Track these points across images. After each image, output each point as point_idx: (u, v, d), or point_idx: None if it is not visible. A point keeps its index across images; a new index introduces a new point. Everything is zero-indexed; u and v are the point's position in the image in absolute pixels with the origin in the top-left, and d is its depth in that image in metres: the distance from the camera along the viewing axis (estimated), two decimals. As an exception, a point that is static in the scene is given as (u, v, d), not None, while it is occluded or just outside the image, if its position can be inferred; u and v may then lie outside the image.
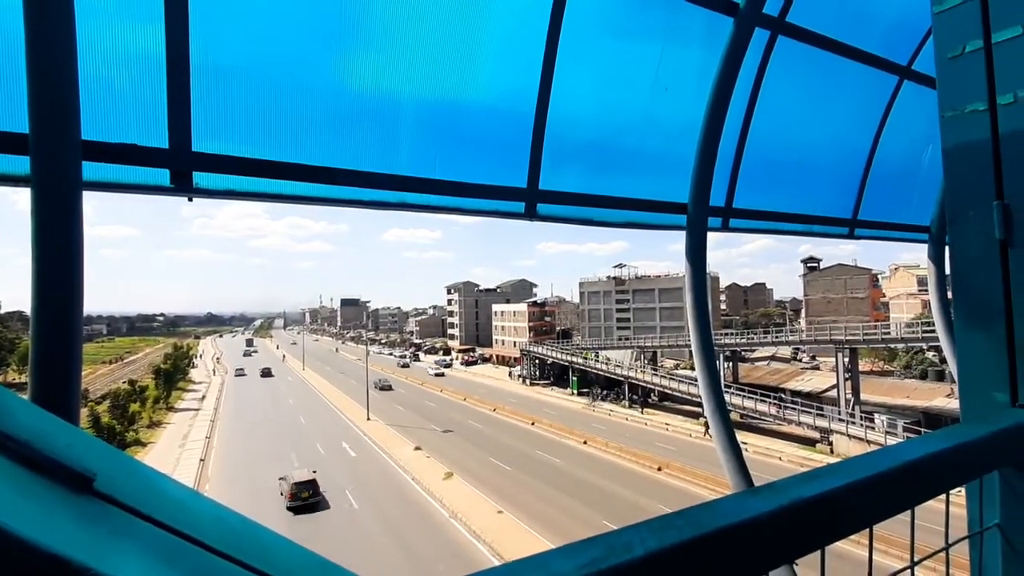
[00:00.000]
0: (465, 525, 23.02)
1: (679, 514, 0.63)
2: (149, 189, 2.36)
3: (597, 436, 36.39)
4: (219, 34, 2.44)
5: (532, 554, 0.52)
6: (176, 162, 2.35)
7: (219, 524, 0.73)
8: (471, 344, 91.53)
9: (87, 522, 0.58)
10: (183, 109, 2.33)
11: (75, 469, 0.64)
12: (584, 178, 3.83)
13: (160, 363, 63.57)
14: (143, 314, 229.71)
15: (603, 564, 0.50)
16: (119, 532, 0.61)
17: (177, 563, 0.61)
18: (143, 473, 0.82)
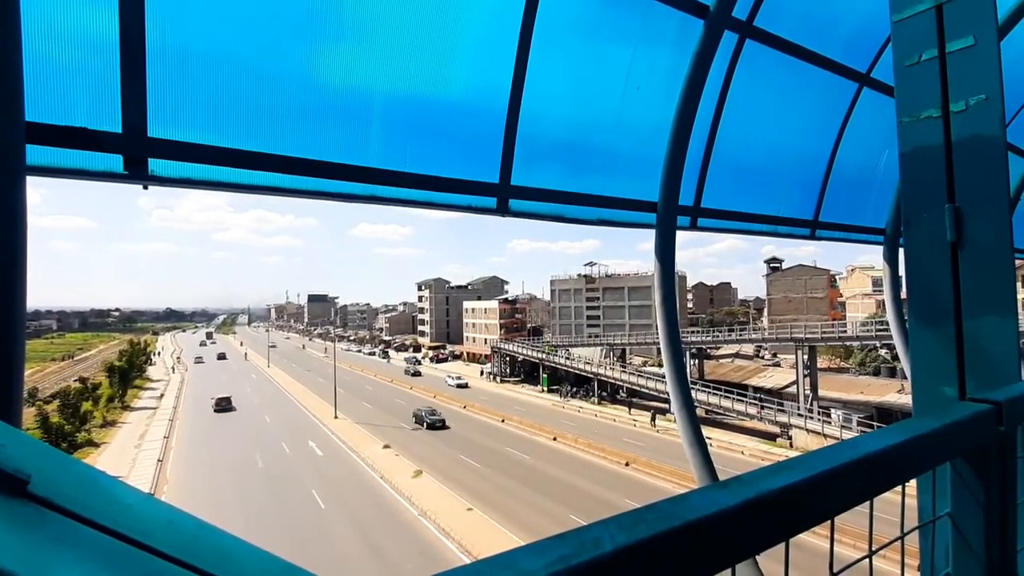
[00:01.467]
0: (434, 523, 22.91)
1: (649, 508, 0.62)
2: (100, 176, 2.24)
3: (567, 432, 36.73)
4: (179, 15, 2.33)
5: (500, 552, 0.51)
6: (130, 147, 2.23)
7: (172, 528, 0.69)
8: (442, 341, 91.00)
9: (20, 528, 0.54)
10: (138, 92, 2.21)
11: (6, 471, 0.59)
12: (557, 175, 3.83)
13: (115, 360, 60.97)
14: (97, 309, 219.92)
15: (572, 561, 0.50)
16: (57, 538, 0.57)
17: (124, 570, 0.58)
18: (85, 474, 0.76)
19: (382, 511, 24.57)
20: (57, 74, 2.15)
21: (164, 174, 2.32)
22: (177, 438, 38.40)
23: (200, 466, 31.43)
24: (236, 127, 2.52)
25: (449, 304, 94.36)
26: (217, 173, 2.46)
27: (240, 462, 31.84)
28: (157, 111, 2.27)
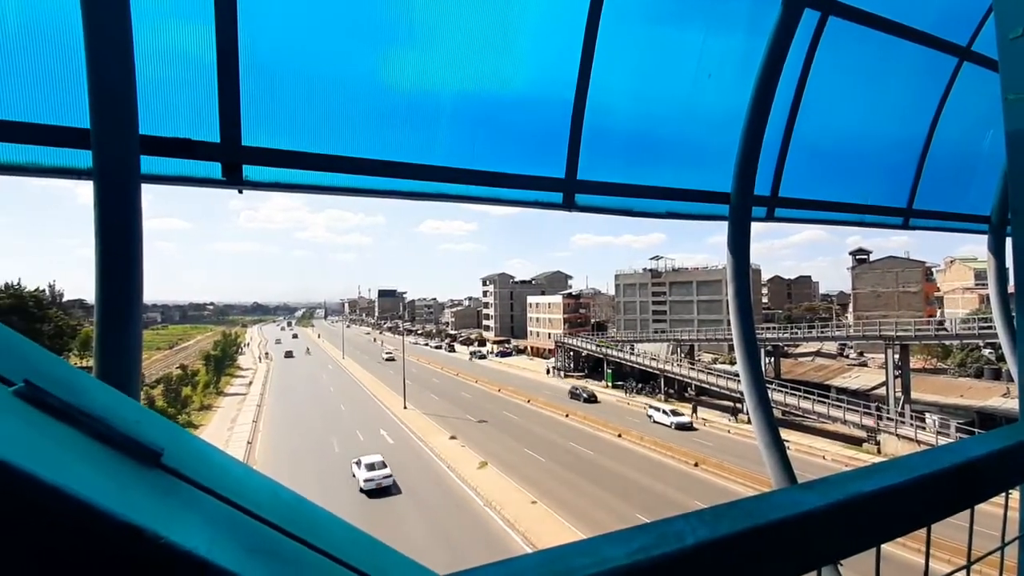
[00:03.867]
0: (499, 514, 23.29)
1: (730, 505, 0.62)
2: (202, 182, 2.47)
3: (632, 430, 36.06)
4: (267, 32, 2.51)
5: (581, 539, 0.52)
6: (227, 155, 2.44)
7: (274, 499, 0.77)
8: (506, 335, 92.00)
9: (157, 494, 0.63)
10: (233, 104, 2.42)
11: (144, 444, 0.70)
12: (623, 168, 3.77)
13: (210, 350, 66.61)
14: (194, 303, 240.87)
15: (654, 551, 0.50)
16: (185, 504, 0.66)
17: (238, 534, 0.66)
18: (204, 450, 0.87)
19: (449, 500, 25.30)
20: (164, 91, 2.39)
21: (256, 179, 2.53)
22: (263, 422, 41.40)
23: (283, 448, 33.75)
24: (317, 133, 2.68)
25: (513, 299, 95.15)
26: (301, 176, 2.64)
27: (319, 446, 33.86)
28: (249, 121, 2.47)
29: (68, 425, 0.62)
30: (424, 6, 2.91)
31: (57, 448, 0.55)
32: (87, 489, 0.51)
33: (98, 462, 0.59)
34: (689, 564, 0.51)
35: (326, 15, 2.73)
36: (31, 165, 2.21)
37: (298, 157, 2.61)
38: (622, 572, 0.48)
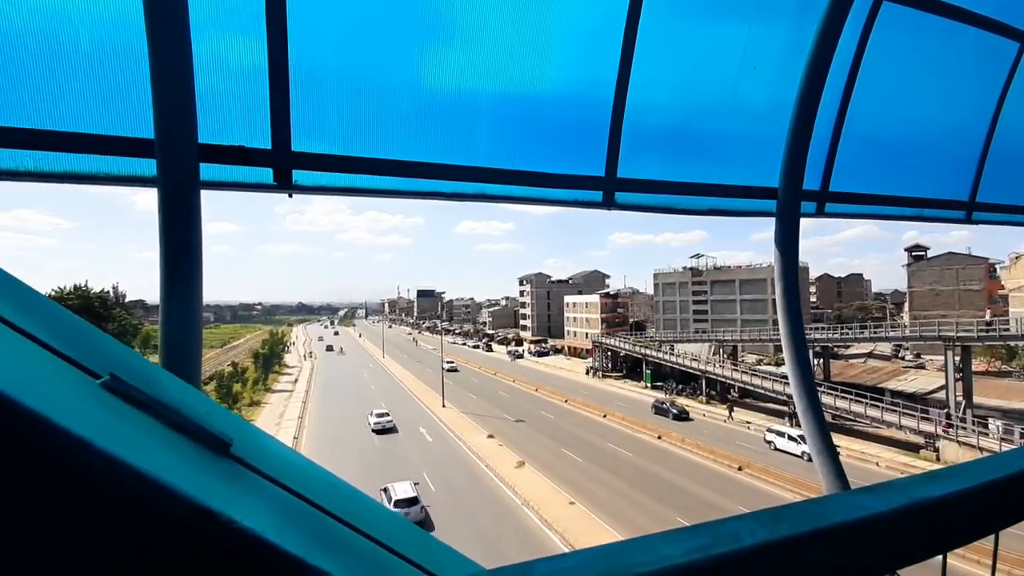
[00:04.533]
0: (537, 513, 23.30)
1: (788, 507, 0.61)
2: (255, 187, 2.58)
3: (672, 431, 35.36)
4: (314, 42, 2.60)
5: (634, 537, 0.52)
6: (278, 161, 2.54)
7: (332, 490, 0.82)
8: (543, 335, 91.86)
9: (227, 481, 0.68)
10: (283, 111, 2.52)
11: (215, 434, 0.75)
12: (665, 165, 3.70)
13: (258, 348, 69.35)
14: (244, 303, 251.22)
15: (711, 551, 0.50)
16: (253, 491, 0.71)
17: (301, 522, 0.70)
18: (266, 441, 0.92)
19: (487, 498, 25.48)
20: (220, 102, 2.51)
21: (305, 183, 2.62)
22: (308, 418, 42.78)
23: (327, 444, 34.79)
24: (362, 136, 2.76)
25: (550, 298, 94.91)
26: (347, 180, 2.72)
27: (361, 443, 34.72)
28: (298, 127, 2.57)
29: (147, 415, 0.69)
30: (462, 9, 2.95)
31: (139, 435, 0.61)
32: (166, 473, 0.57)
33: (174, 449, 0.64)
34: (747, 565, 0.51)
35: (368, 23, 2.80)
36: (101, 174, 2.36)
37: (343, 161, 2.69)
38: (679, 571, 0.48)
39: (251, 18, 2.41)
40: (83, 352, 0.77)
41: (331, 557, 0.73)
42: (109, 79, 2.31)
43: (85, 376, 0.73)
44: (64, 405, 0.55)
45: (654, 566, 0.48)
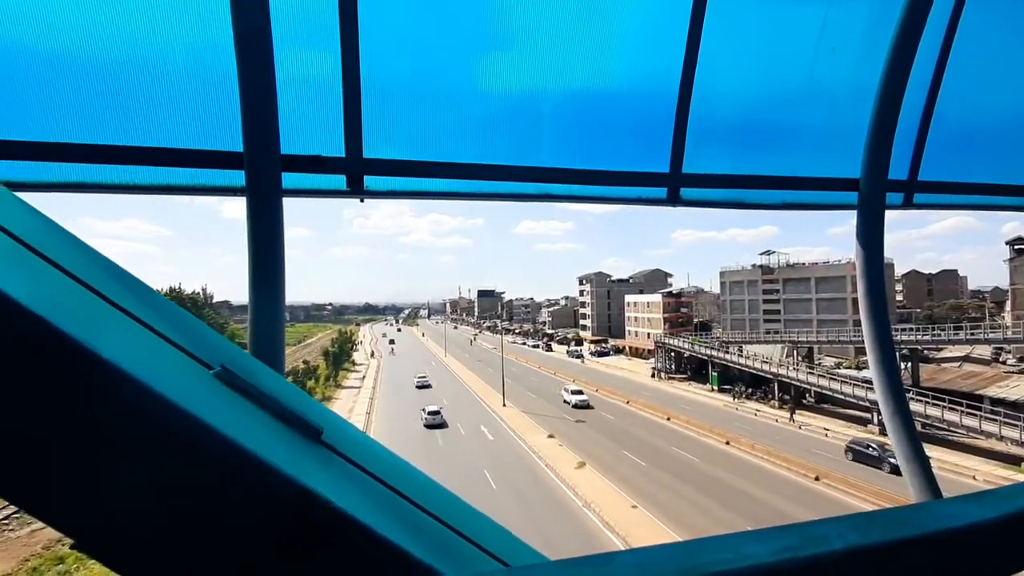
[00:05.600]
0: (598, 515, 23.01)
1: (881, 512, 0.59)
2: (330, 193, 2.74)
3: (741, 436, 33.82)
4: (382, 55, 2.72)
5: (711, 535, 0.52)
6: (351, 168, 2.69)
7: (412, 479, 0.87)
8: (603, 335, 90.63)
9: (321, 465, 0.75)
10: (355, 120, 2.65)
11: (309, 422, 0.82)
12: (734, 158, 3.56)
13: (329, 347, 72.94)
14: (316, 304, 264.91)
15: (799, 552, 0.49)
16: (343, 476, 0.77)
17: (388, 508, 0.76)
18: (353, 432, 0.99)
19: (547, 497, 25.46)
20: (299, 114, 2.67)
21: (376, 188, 2.75)
22: (375, 414, 44.50)
23: (394, 439, 36.06)
24: (428, 141, 2.86)
25: (610, 298, 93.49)
26: (415, 184, 2.83)
27: (424, 440, 35.70)
28: (369, 135, 2.70)
29: (252, 403, 0.76)
30: (522, 12, 2.97)
31: (246, 420, 0.69)
32: (270, 455, 0.62)
33: (275, 434, 0.72)
34: (837, 569, 0.50)
35: (432, 33, 2.90)
36: (198, 185, 2.59)
37: (411, 165, 2.80)
38: (764, 570, 0.48)
39: (326, 37, 2.56)
40: (198, 346, 0.86)
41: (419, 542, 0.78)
42: (203, 100, 2.53)
43: (200, 367, 0.82)
44: (185, 391, 0.63)
45: (739, 564, 0.47)
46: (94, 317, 0.71)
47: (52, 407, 0.61)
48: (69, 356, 0.60)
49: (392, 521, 0.79)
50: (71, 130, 2.35)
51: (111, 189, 2.47)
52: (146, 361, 0.69)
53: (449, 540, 0.90)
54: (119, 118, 2.43)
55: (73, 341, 0.60)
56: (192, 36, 2.47)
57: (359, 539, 0.69)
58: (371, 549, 0.69)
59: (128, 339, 0.73)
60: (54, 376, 0.61)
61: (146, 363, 0.68)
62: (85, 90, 2.36)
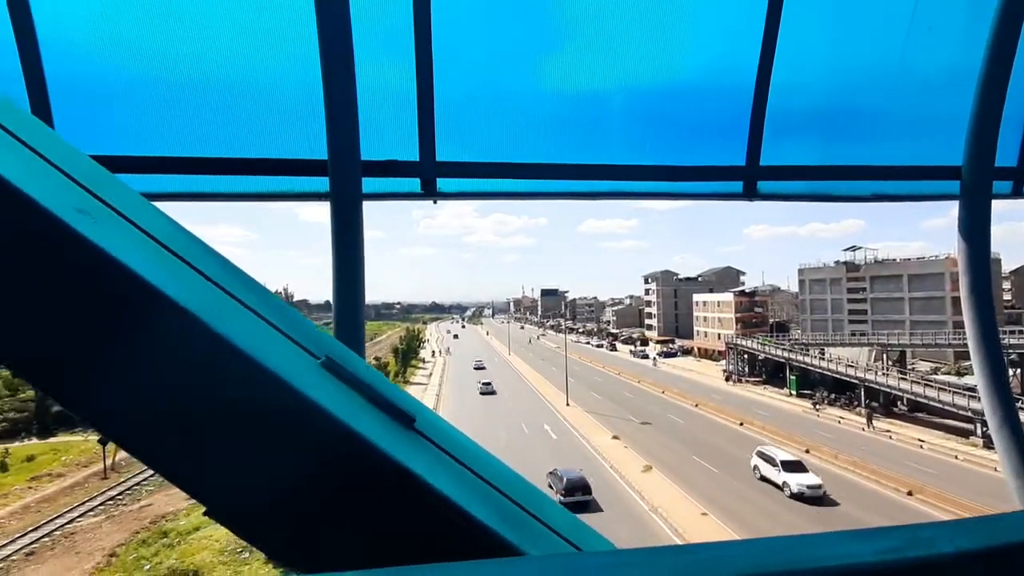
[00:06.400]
0: (665, 521, 22.39)
1: (998, 517, 0.56)
2: (405, 196, 2.88)
3: (823, 445, 31.68)
4: (454, 61, 2.82)
5: (808, 533, 0.51)
6: (424, 171, 2.81)
7: (496, 470, 0.94)
8: (670, 335, 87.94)
9: (415, 449, 0.83)
10: (429, 125, 2.77)
11: (403, 409, 0.91)
12: (816, 149, 3.37)
13: (397, 344, 75.70)
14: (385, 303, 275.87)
15: (905, 553, 0.48)
16: (436, 462, 0.85)
17: (476, 492, 0.83)
18: (440, 422, 1.06)
19: (613, 500, 25.07)
20: (376, 121, 2.82)
21: (448, 190, 2.86)
22: (442, 411, 45.69)
23: (458, 436, 36.78)
24: (499, 143, 2.93)
25: (677, 297, 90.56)
26: (486, 184, 2.92)
27: (488, 435, 36.24)
28: (442, 138, 2.81)
29: (353, 390, 0.86)
30: (587, 8, 2.97)
31: (350, 404, 0.79)
32: (373, 436, 0.70)
33: (374, 418, 0.81)
34: (946, 573, 0.48)
35: (501, 38, 2.96)
36: (289, 192, 2.81)
37: (482, 167, 2.89)
38: (868, 569, 0.47)
39: (402, 49, 2.69)
40: (305, 338, 0.96)
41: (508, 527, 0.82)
42: (292, 113, 2.74)
43: (309, 357, 0.91)
44: (300, 377, 0.72)
45: (841, 561, 0.47)
46: (225, 311, 0.81)
47: (200, 391, 0.71)
48: (211, 345, 0.70)
49: (479, 503, 0.85)
50: (189, 146, 2.63)
51: (219, 197, 2.74)
52: (268, 350, 0.78)
53: (528, 523, 0.95)
54: (225, 134, 2.68)
55: (214, 332, 0.70)
56: (285, 57, 2.68)
57: (452, 515, 0.74)
58: (463, 524, 0.74)
59: (253, 331, 0.82)
60: (200, 362, 0.70)
61: (269, 352, 0.77)
62: (200, 110, 2.64)
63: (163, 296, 0.68)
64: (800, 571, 0.47)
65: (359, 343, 2.55)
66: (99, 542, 25.17)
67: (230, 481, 0.78)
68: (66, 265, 0.66)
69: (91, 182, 0.85)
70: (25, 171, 0.71)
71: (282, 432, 0.75)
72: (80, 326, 0.68)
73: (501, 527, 0.81)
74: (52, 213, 0.64)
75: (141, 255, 0.73)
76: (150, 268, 0.71)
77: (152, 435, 0.77)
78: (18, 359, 0.75)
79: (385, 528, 0.76)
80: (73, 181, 0.81)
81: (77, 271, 0.67)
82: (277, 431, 0.75)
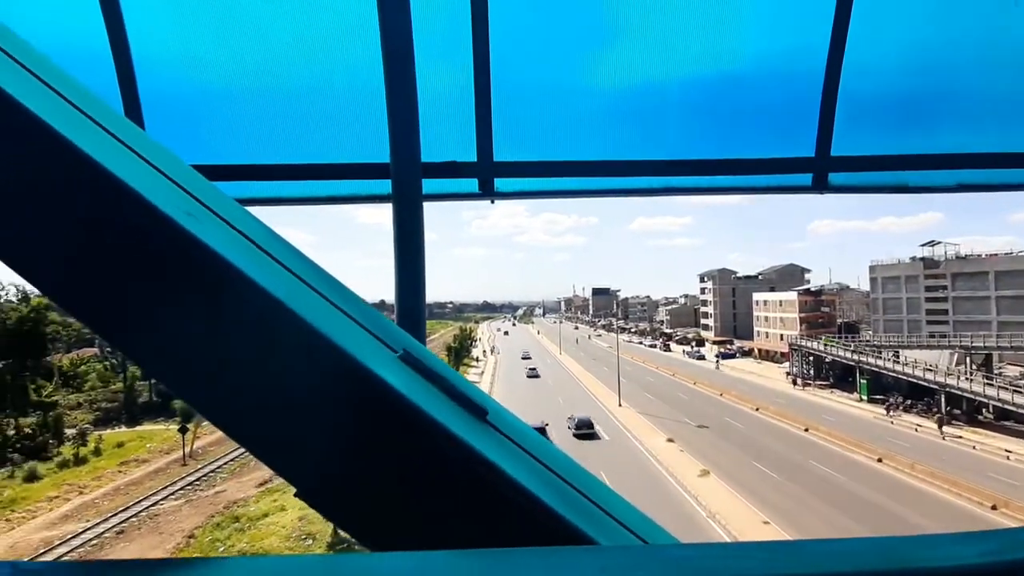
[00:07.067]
0: (725, 529, 21.63)
1: None
2: (463, 196, 2.93)
3: (897, 454, 29.62)
4: (511, 61, 2.84)
5: (906, 535, 0.51)
6: (482, 171, 2.85)
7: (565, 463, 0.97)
8: (727, 335, 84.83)
9: (490, 440, 0.86)
10: (486, 126, 2.81)
11: (476, 402, 0.94)
12: (893, 136, 3.15)
13: (451, 342, 77.16)
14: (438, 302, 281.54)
15: (1007, 556, 0.47)
16: (509, 454, 0.88)
17: (548, 483, 0.85)
18: (509, 417, 1.08)
19: (669, 505, 24.47)
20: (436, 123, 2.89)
21: (505, 190, 2.89)
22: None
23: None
24: (556, 141, 2.93)
25: (735, 296, 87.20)
26: (543, 184, 2.93)
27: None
28: (499, 137, 2.84)
29: (429, 383, 0.90)
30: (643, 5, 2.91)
31: (427, 395, 0.82)
32: (450, 424, 0.74)
33: (449, 409, 0.85)
34: None
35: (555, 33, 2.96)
36: (353, 195, 2.93)
37: (540, 166, 2.90)
38: (972, 571, 0.46)
39: (460, 49, 2.74)
40: (383, 332, 1.00)
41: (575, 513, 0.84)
42: (355, 118, 2.85)
43: (388, 350, 0.96)
44: (382, 369, 0.76)
45: (943, 562, 0.46)
46: (315, 306, 0.87)
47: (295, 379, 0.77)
48: (306, 336, 0.75)
49: (553, 494, 0.87)
50: (259, 154, 2.80)
51: (288, 202, 2.91)
52: (354, 342, 0.83)
53: (599, 516, 0.96)
54: (293, 141, 2.84)
55: (309, 325, 0.75)
56: (347, 66, 2.80)
57: (530, 504, 0.77)
58: (540, 514, 0.76)
59: (339, 324, 0.88)
60: (296, 353, 0.76)
61: (354, 344, 0.82)
62: (271, 120, 2.80)
63: (264, 291, 0.74)
64: (907, 570, 0.46)
65: (421, 341, 2.63)
66: (179, 524, 27.15)
67: (320, 467, 0.84)
68: (184, 266, 0.74)
69: (193, 187, 0.92)
70: (144, 180, 0.79)
71: (369, 420, 0.79)
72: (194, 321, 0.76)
73: (576, 517, 0.82)
74: (170, 217, 0.71)
75: (243, 254, 0.79)
76: (251, 266, 0.77)
77: (249, 421, 0.83)
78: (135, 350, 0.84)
79: (465, 512, 0.79)
80: (179, 187, 0.89)
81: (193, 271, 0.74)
82: (364, 419, 0.80)
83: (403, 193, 2.61)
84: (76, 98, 0.85)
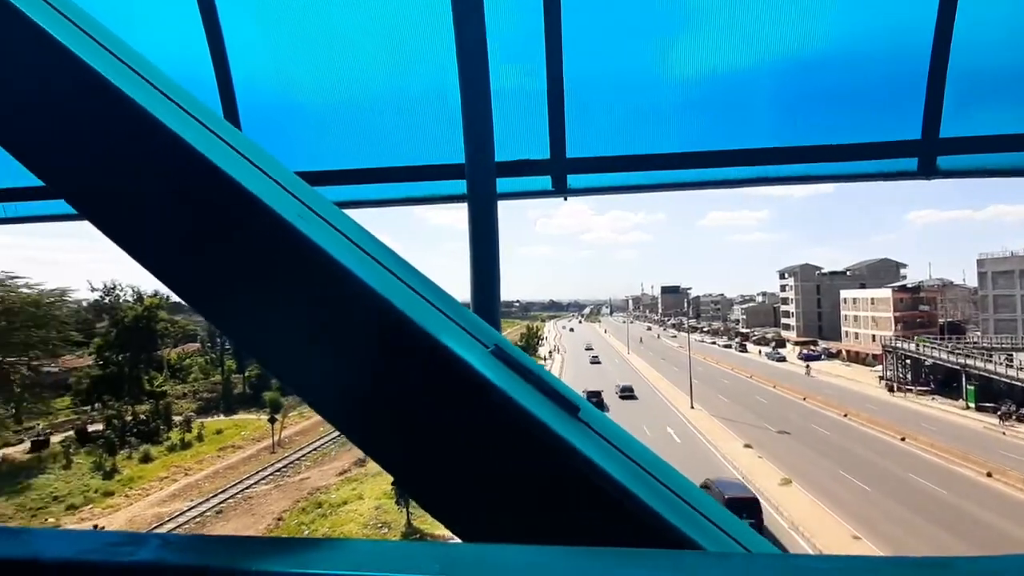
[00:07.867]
0: (809, 541, 20.29)
1: None
2: (536, 194, 2.94)
3: (1011, 469, 26.47)
4: (584, 56, 2.81)
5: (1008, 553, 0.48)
6: (555, 169, 2.84)
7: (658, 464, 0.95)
8: (811, 336, 79.47)
9: (582, 436, 0.86)
10: (559, 123, 2.80)
11: (568, 399, 0.94)
12: (1009, 114, 2.81)
13: (517, 341, 77.90)
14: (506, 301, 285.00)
15: None
16: (601, 451, 0.87)
17: (646, 485, 0.84)
18: (601, 415, 1.07)
19: (746, 512, 23.29)
20: (509, 122, 2.92)
21: (578, 186, 2.87)
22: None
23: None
24: (631, 135, 2.87)
25: (820, 294, 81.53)
26: (617, 179, 2.88)
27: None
28: (572, 134, 2.82)
29: (520, 377, 0.91)
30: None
31: (518, 389, 0.82)
32: (545, 416, 0.76)
33: (540, 404, 0.86)
34: None
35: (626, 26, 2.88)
36: (431, 196, 3.02)
37: (614, 161, 2.84)
38: None
39: (533, 46, 2.75)
40: (474, 328, 1.03)
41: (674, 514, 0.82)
42: (432, 121, 2.94)
43: (480, 345, 0.98)
44: (477, 360, 0.80)
45: None
46: (411, 302, 0.91)
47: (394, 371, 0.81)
48: (407, 330, 0.78)
49: (653, 495, 0.85)
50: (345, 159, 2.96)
51: (371, 204, 3.05)
52: (450, 336, 0.85)
53: (699, 520, 0.94)
54: (377, 146, 2.97)
55: (409, 319, 0.78)
56: (424, 68, 2.89)
57: (631, 505, 0.75)
58: (641, 514, 0.74)
59: (436, 320, 0.91)
60: (398, 346, 0.79)
61: (450, 338, 0.84)
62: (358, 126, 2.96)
63: (371, 290, 0.78)
64: None
65: (496, 336, 2.67)
66: (269, 507, 29.34)
67: (419, 458, 0.87)
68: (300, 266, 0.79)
69: (297, 191, 0.99)
70: (259, 185, 0.85)
71: (467, 411, 0.81)
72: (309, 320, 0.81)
73: (679, 520, 0.80)
74: (286, 220, 0.77)
75: (348, 254, 0.84)
76: (357, 265, 0.81)
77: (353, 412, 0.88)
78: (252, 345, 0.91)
79: (562, 507, 0.79)
80: (287, 191, 0.95)
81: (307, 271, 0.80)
82: (461, 411, 0.82)
83: (478, 193, 2.66)
84: (196, 111, 0.93)
